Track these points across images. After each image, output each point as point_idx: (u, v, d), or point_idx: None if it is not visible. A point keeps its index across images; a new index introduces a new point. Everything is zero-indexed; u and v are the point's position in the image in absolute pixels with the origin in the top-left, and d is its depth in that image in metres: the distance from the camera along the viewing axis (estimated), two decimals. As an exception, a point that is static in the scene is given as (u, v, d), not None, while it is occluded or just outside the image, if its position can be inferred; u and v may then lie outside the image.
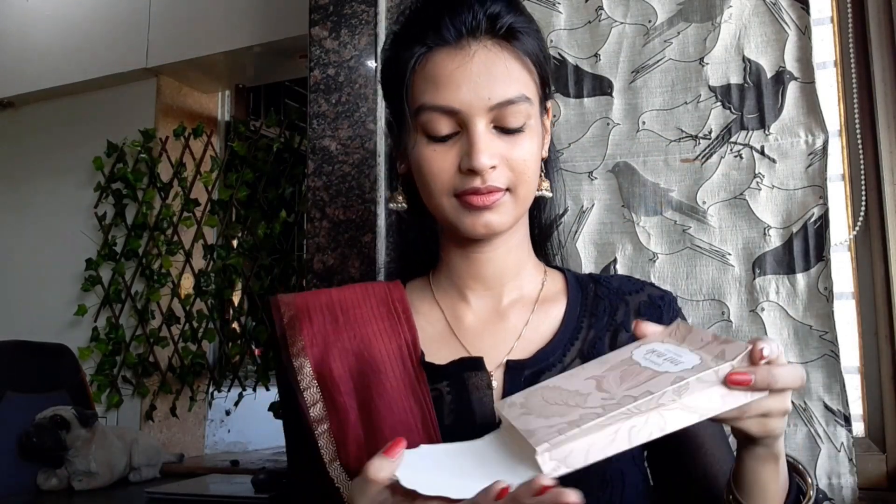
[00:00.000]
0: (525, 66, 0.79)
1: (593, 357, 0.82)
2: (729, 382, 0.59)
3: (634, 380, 0.62)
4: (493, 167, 0.77)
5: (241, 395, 2.53)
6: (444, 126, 0.77)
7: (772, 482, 0.70)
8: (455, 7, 0.78)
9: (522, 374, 0.81)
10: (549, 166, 0.89)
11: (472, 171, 0.76)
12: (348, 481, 0.77)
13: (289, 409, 0.84)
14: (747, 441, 0.67)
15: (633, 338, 0.83)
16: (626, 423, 0.57)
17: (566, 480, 0.57)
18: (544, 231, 0.94)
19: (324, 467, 0.78)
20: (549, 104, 0.87)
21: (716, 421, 0.61)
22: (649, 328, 0.70)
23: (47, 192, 2.74)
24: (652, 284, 0.91)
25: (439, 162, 0.78)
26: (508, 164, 0.78)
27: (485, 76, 0.76)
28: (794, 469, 0.73)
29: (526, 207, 0.83)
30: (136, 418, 2.47)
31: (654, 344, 0.68)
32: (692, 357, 0.62)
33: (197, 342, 2.54)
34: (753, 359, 0.60)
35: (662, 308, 0.87)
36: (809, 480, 0.73)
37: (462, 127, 0.77)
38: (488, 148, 0.76)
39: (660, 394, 0.58)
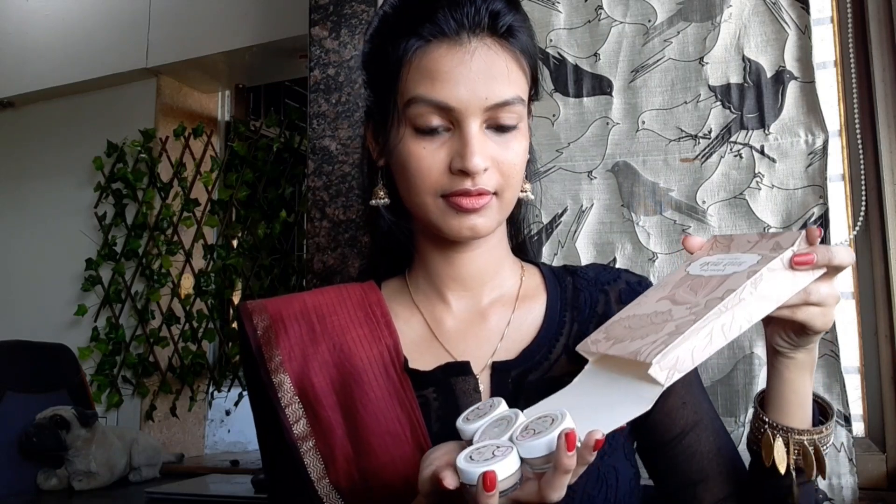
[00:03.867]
0: (521, 66, 0.78)
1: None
2: (794, 264, 0.64)
3: (708, 286, 0.67)
4: (485, 169, 0.75)
5: (241, 395, 2.53)
6: (434, 121, 0.75)
7: (808, 394, 0.74)
8: (456, 0, 0.75)
9: (509, 375, 0.80)
10: (529, 168, 0.87)
11: (464, 173, 0.74)
12: (339, 498, 0.75)
13: (267, 426, 0.81)
14: (792, 348, 0.71)
15: None
16: (718, 322, 0.62)
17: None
18: (521, 230, 0.92)
19: (311, 485, 0.76)
20: (532, 106, 0.85)
21: (785, 308, 0.66)
22: (696, 241, 0.75)
23: (47, 192, 2.74)
24: (627, 271, 0.90)
25: (428, 160, 0.75)
26: (499, 167, 0.76)
27: (484, 75, 0.74)
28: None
29: (509, 211, 0.82)
30: (136, 418, 2.47)
31: (702, 259, 0.73)
32: (750, 256, 0.67)
33: (197, 342, 2.54)
34: (811, 239, 0.65)
35: (641, 293, 0.86)
36: (825, 400, 0.78)
37: (454, 125, 0.75)
38: (482, 149, 0.75)
39: (740, 289, 0.63)
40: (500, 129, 0.76)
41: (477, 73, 0.74)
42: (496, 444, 0.60)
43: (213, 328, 2.54)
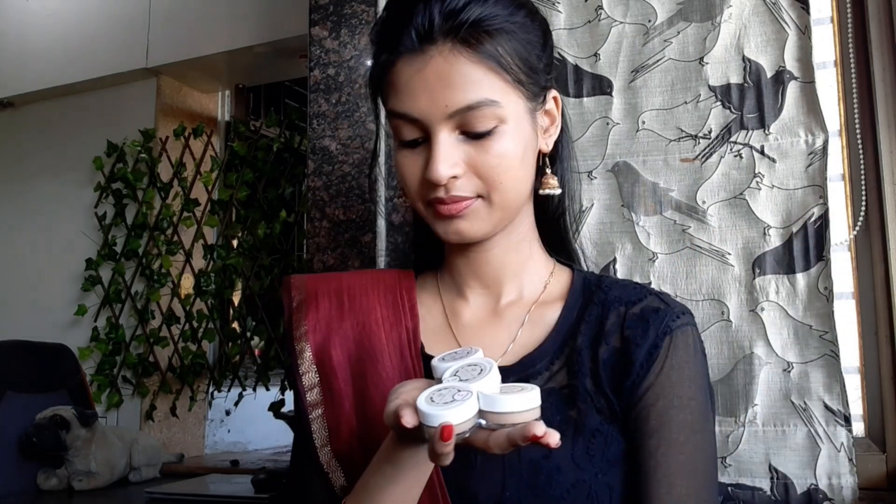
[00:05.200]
0: (489, 67, 0.73)
1: (576, 368, 0.79)
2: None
3: None
4: (456, 176, 0.75)
5: (241, 395, 2.53)
6: (409, 132, 0.76)
7: None
8: (412, 10, 0.74)
9: (507, 380, 0.76)
10: (558, 161, 0.86)
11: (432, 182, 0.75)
12: (338, 467, 0.78)
13: (294, 391, 0.85)
14: None
15: (613, 352, 0.78)
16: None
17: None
18: (552, 226, 0.90)
19: (315, 451, 0.79)
20: (551, 95, 0.82)
21: None
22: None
23: (47, 192, 2.74)
24: (659, 296, 0.82)
25: (410, 168, 0.77)
26: (476, 170, 0.75)
27: (440, 83, 0.73)
28: None
29: (509, 212, 0.79)
30: (136, 418, 2.47)
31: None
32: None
33: (197, 342, 2.54)
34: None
35: (650, 323, 0.78)
36: None
37: (426, 134, 0.75)
38: (448, 158, 0.74)
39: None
40: (474, 133, 0.75)
41: (433, 82, 0.73)
42: (457, 388, 0.61)
43: (213, 328, 2.54)
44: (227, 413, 2.64)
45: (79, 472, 1.87)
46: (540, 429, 0.58)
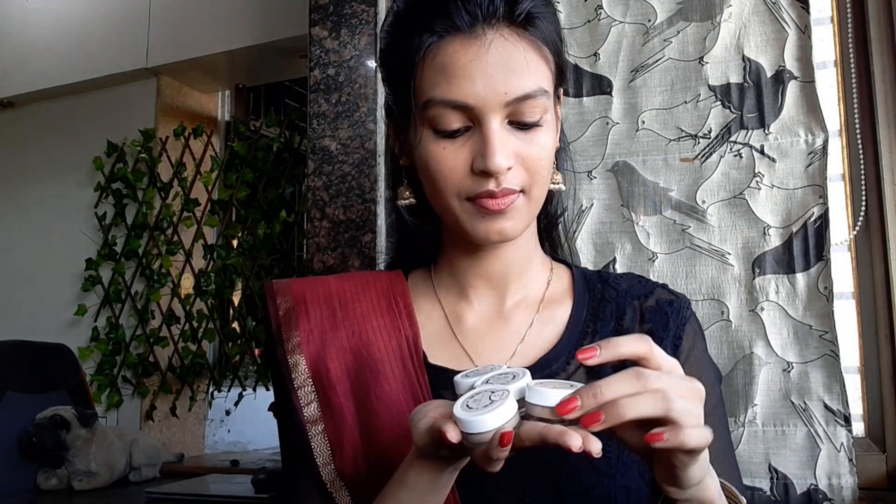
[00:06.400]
0: (542, 55, 0.73)
1: (597, 367, 0.74)
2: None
3: None
4: (509, 168, 0.71)
5: (241, 395, 2.53)
6: (454, 121, 0.71)
7: None
8: None
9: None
10: (560, 157, 0.84)
11: (486, 173, 0.71)
12: (342, 485, 0.74)
13: (281, 406, 0.81)
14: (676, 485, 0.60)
15: None
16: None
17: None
18: (551, 223, 0.89)
19: (316, 469, 0.75)
20: (561, 92, 0.82)
21: None
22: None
23: (47, 192, 2.74)
24: (665, 287, 0.85)
25: (450, 161, 0.72)
26: (524, 163, 0.73)
27: (502, 69, 0.70)
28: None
29: (539, 208, 0.78)
30: (136, 418, 2.47)
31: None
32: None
33: (197, 342, 2.54)
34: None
35: (669, 315, 0.81)
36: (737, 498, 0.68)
37: (474, 123, 0.71)
38: (504, 147, 0.70)
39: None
40: (524, 124, 0.72)
41: (494, 67, 0.70)
42: (492, 390, 0.58)
43: (213, 328, 2.54)
44: (227, 413, 2.64)
45: (79, 472, 1.87)
46: (576, 442, 0.53)
